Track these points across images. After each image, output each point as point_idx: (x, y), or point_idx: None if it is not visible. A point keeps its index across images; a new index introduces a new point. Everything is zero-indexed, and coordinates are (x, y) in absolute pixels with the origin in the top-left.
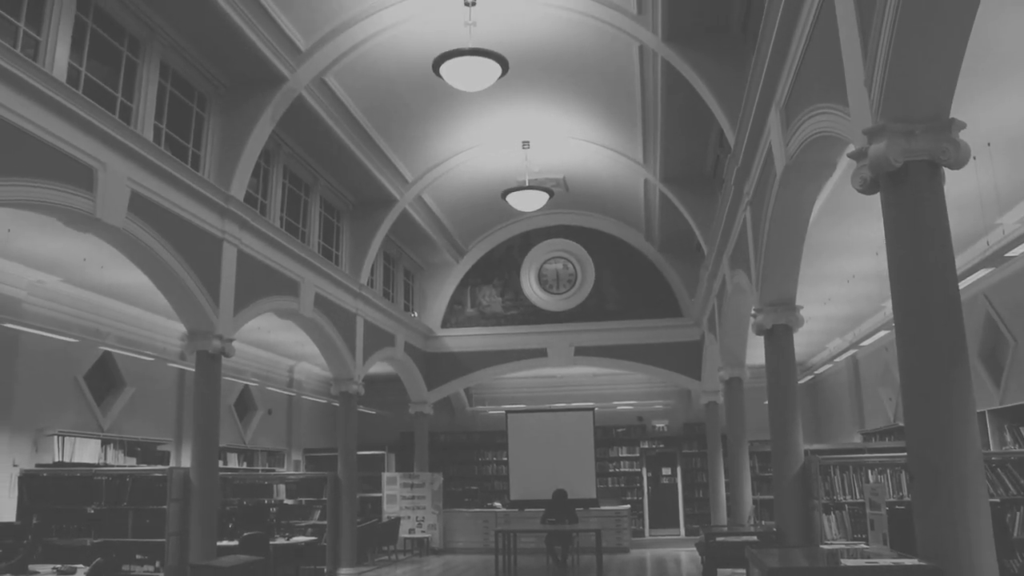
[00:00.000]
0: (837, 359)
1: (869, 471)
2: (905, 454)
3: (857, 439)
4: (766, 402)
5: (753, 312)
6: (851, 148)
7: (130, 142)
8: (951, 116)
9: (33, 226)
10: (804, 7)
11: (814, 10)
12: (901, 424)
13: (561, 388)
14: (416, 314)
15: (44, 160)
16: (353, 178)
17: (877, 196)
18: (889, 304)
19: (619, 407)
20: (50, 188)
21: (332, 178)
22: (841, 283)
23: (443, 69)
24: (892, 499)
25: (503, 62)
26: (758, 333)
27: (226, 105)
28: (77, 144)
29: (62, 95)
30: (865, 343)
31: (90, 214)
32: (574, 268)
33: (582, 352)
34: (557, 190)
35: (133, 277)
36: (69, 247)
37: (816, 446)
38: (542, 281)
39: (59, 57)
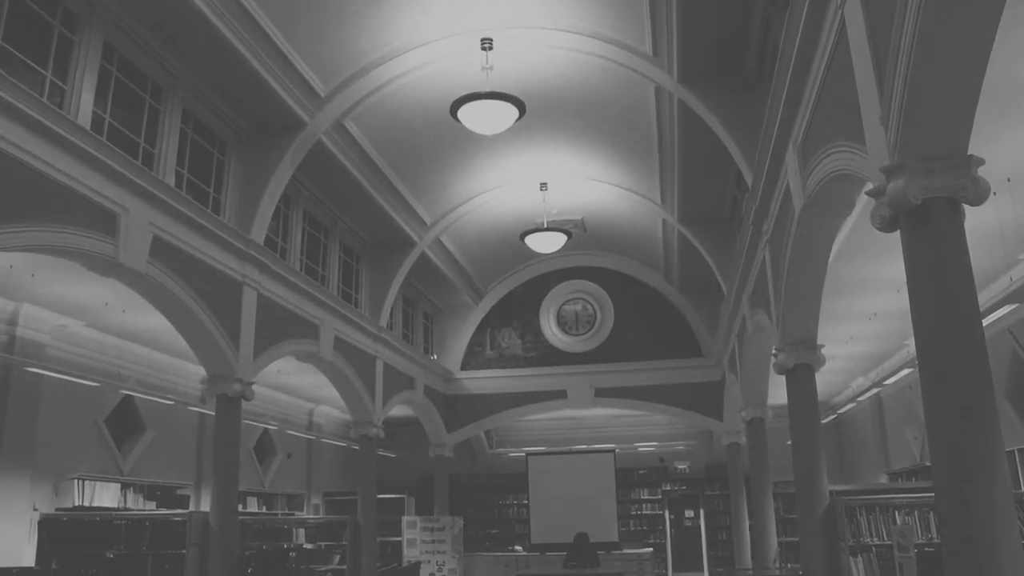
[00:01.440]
0: (860, 398)
1: (896, 512)
2: (933, 495)
3: (883, 479)
4: (789, 442)
5: (774, 352)
6: (869, 186)
7: (152, 187)
8: (969, 152)
9: (57, 270)
10: (819, 46)
11: (829, 49)
12: (928, 464)
13: (581, 430)
14: (435, 356)
15: (68, 205)
16: (372, 221)
17: (897, 233)
18: (912, 342)
19: (640, 448)
20: (74, 233)
21: (351, 221)
22: (863, 321)
23: (461, 113)
24: (921, 541)
25: (520, 105)
26: (779, 373)
27: (247, 150)
28: (101, 190)
29: (87, 142)
30: (889, 381)
31: (113, 259)
32: (593, 309)
33: (602, 394)
34: (575, 231)
35: (154, 321)
36: (92, 291)
37: (841, 487)
38: (561, 322)
39: (84, 105)
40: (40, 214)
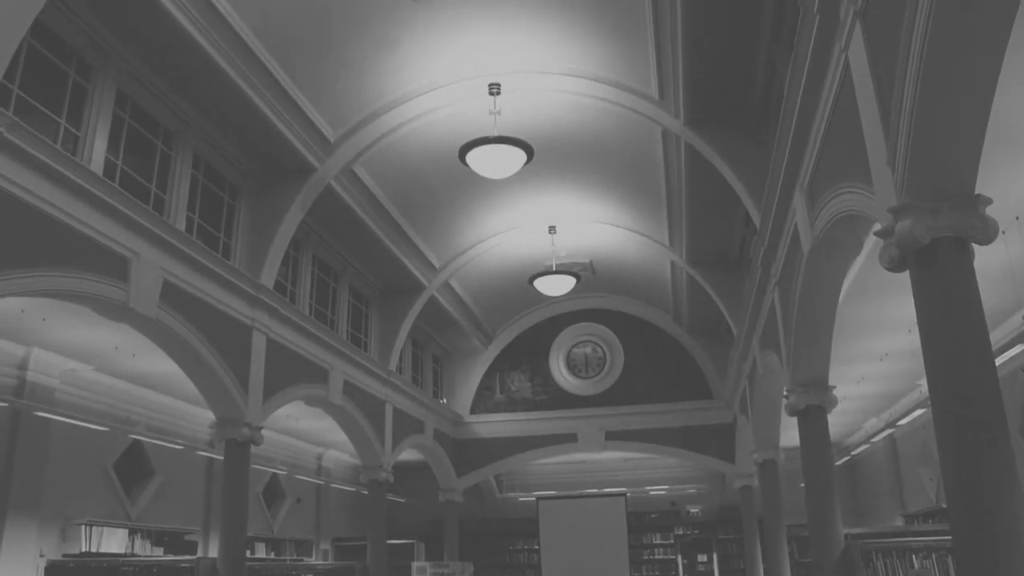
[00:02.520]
0: (874, 439)
1: (914, 556)
2: (950, 537)
3: (899, 522)
4: (802, 485)
5: (785, 393)
6: (877, 226)
7: (163, 232)
8: (977, 191)
9: (67, 315)
10: (824, 89)
11: (833, 91)
12: (944, 505)
13: (592, 473)
14: (445, 400)
15: (80, 251)
16: (381, 265)
17: (906, 273)
18: (925, 382)
19: (652, 492)
20: (85, 278)
21: (361, 265)
22: (874, 362)
23: (469, 157)
24: None
25: (528, 149)
26: (791, 414)
27: (257, 195)
28: (112, 235)
29: (99, 188)
30: (902, 422)
31: (123, 303)
32: (603, 352)
33: (613, 437)
34: (584, 274)
35: (164, 365)
36: (102, 336)
37: (856, 530)
38: (571, 365)
39: (96, 151)
40: (52, 259)
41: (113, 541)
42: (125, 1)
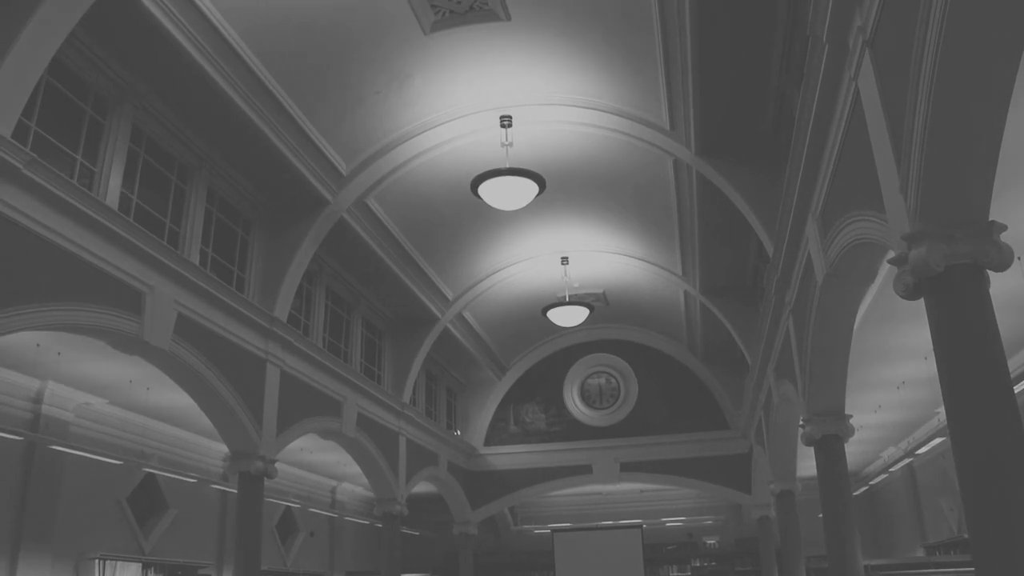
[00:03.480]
0: (892, 468)
1: None
2: (973, 569)
3: (920, 553)
4: (821, 515)
5: (801, 423)
6: (891, 254)
7: (177, 266)
8: (991, 218)
9: (82, 349)
10: (834, 117)
11: (844, 119)
12: (966, 536)
13: (607, 505)
14: (459, 432)
15: (96, 284)
16: (394, 297)
17: (922, 300)
18: (943, 410)
19: (668, 523)
20: (100, 312)
21: (374, 298)
22: (891, 390)
23: (482, 189)
24: None
25: (540, 181)
26: (807, 444)
27: (270, 229)
28: (127, 269)
29: (114, 222)
30: (921, 451)
31: (138, 337)
32: (617, 382)
33: (628, 468)
34: (597, 305)
35: (178, 399)
36: (116, 369)
37: (876, 561)
38: (585, 396)
39: (112, 186)
40: (68, 293)
41: (127, 575)
42: (141, 38)
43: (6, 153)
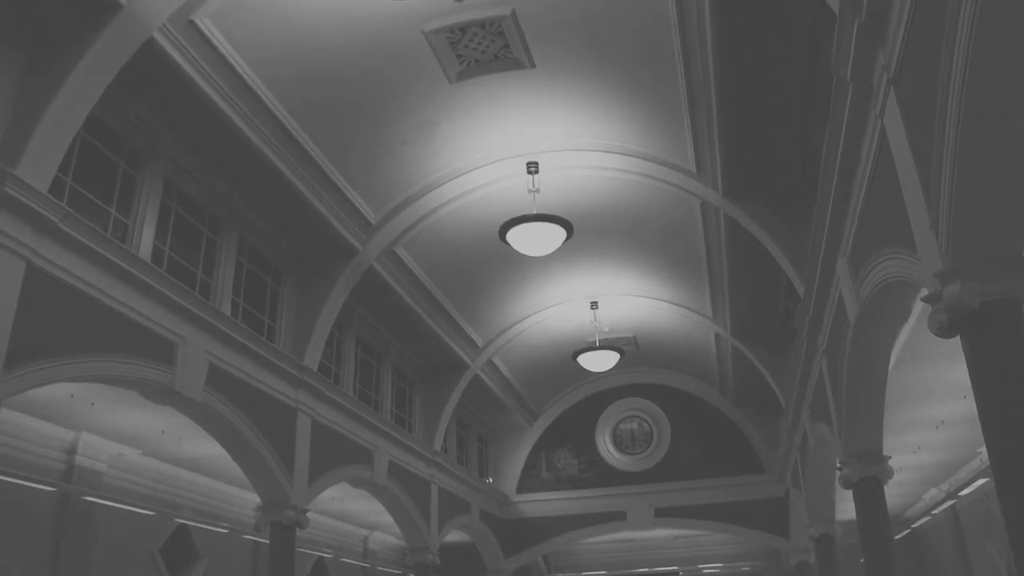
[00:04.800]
0: (935, 511)
1: None
2: None
3: None
4: (862, 560)
5: (838, 465)
6: (924, 292)
7: (209, 317)
8: None
9: (115, 400)
10: (861, 156)
11: (871, 158)
12: None
13: (642, 551)
14: (491, 480)
15: (129, 336)
16: (424, 345)
17: (958, 338)
18: (985, 449)
19: (704, 570)
20: (133, 363)
21: (404, 345)
22: (931, 430)
23: (510, 236)
24: None
25: (568, 226)
26: (845, 487)
27: (300, 278)
28: (159, 320)
29: (147, 274)
30: (964, 492)
31: (170, 387)
32: (649, 427)
33: (662, 513)
34: (628, 349)
35: (209, 448)
36: (148, 420)
37: None
38: (617, 442)
39: (145, 238)
40: (103, 345)
41: None
42: (173, 93)
43: (43, 208)
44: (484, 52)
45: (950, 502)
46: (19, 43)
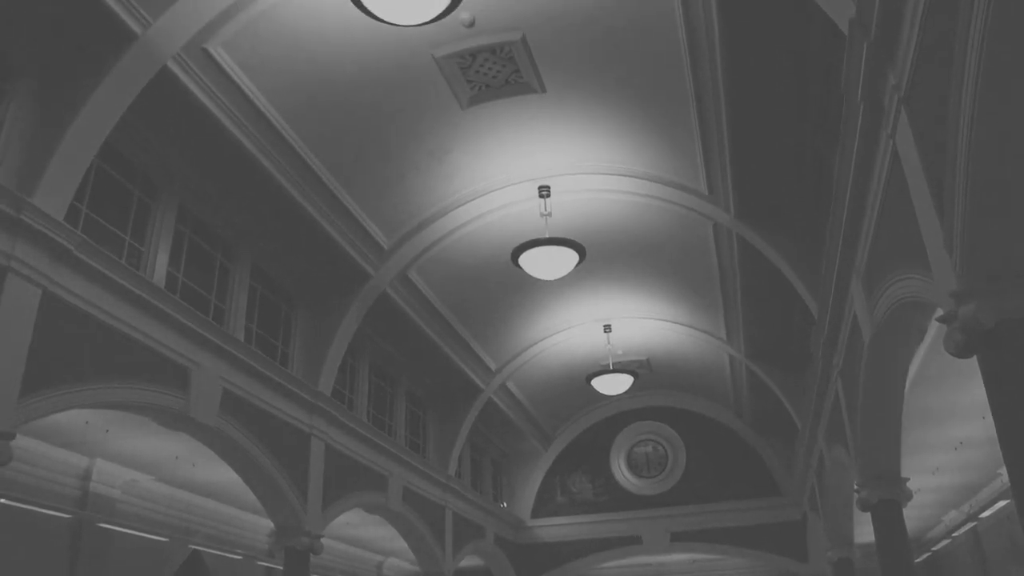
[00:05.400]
0: (955, 533)
1: None
2: None
3: None
4: None
5: (856, 487)
6: (940, 312)
7: (223, 343)
8: None
9: (129, 426)
10: (873, 177)
11: (883, 178)
12: None
13: None
14: (505, 504)
15: (143, 362)
16: (438, 369)
17: (975, 358)
18: (1005, 470)
19: None
20: (147, 389)
21: (417, 370)
22: (949, 451)
23: (522, 260)
24: None
25: (580, 250)
26: (863, 509)
27: (313, 304)
28: (173, 346)
29: (161, 301)
30: (985, 514)
31: (184, 413)
32: (664, 450)
33: (678, 537)
34: (642, 372)
35: (223, 474)
36: (163, 446)
37: None
38: (632, 465)
39: (159, 265)
40: (117, 371)
41: None
42: (187, 121)
43: (59, 236)
44: (495, 77)
45: (971, 524)
46: (35, 73)
